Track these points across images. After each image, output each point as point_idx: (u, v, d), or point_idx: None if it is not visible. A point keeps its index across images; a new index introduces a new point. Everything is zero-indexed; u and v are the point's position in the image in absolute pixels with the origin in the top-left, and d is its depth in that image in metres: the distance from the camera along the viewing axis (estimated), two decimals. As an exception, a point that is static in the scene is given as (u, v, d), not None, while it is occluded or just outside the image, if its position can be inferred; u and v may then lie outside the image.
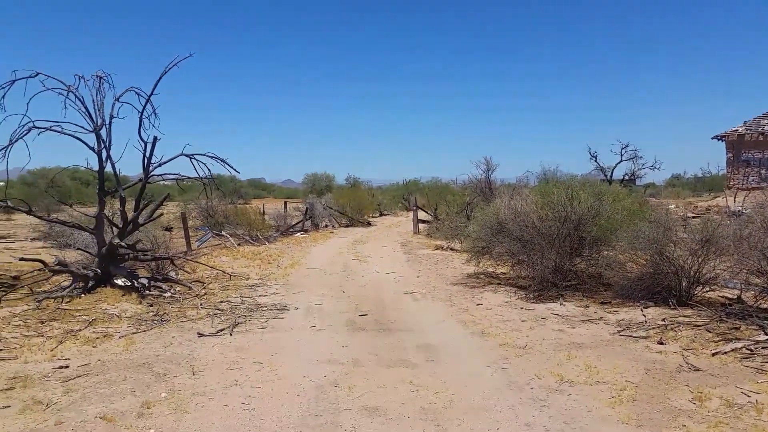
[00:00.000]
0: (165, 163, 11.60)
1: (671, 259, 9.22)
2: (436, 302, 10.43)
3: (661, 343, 7.30)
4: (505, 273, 12.79)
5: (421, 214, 27.00)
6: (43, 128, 10.56)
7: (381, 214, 41.04)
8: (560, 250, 10.74)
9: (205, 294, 11.00)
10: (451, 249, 18.18)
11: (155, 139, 11.42)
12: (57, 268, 11.41)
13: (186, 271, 13.24)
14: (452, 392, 5.78)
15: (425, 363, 6.77)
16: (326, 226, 29.29)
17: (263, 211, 25.82)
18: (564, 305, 9.72)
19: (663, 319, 8.36)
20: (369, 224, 31.51)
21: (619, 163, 39.12)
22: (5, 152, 10.50)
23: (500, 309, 9.71)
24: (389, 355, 7.10)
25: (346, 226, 30.01)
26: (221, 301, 10.28)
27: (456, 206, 21.37)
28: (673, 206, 24.19)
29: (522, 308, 9.71)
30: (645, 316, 8.71)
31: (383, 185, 62.67)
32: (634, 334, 7.78)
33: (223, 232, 21.27)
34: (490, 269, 13.05)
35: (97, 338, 7.85)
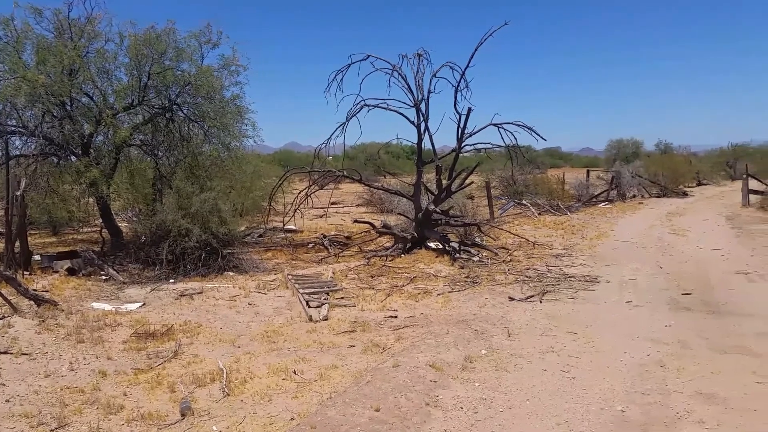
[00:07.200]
0: (476, 132, 12.12)
1: None
2: (782, 286, 8.76)
3: None
4: None
5: (753, 184, 22.91)
6: (373, 105, 11.98)
7: (699, 184, 36.25)
8: None
9: (511, 260, 11.18)
10: (799, 225, 15.05)
11: (469, 110, 11.98)
12: (382, 230, 12.93)
13: (491, 238, 13.66)
14: (814, 391, 4.81)
15: (773, 354, 5.76)
16: (634, 196, 27.13)
17: (563, 180, 25.14)
18: None
19: None
20: (685, 195, 28.17)
21: None
22: (343, 128, 12.21)
23: None
24: (723, 340, 6.26)
25: (658, 197, 27.34)
26: (527, 269, 10.32)
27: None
28: None
29: None
30: None
31: (700, 151, 55.08)
32: None
33: (524, 201, 21.35)
34: None
35: (418, 294, 8.64)
